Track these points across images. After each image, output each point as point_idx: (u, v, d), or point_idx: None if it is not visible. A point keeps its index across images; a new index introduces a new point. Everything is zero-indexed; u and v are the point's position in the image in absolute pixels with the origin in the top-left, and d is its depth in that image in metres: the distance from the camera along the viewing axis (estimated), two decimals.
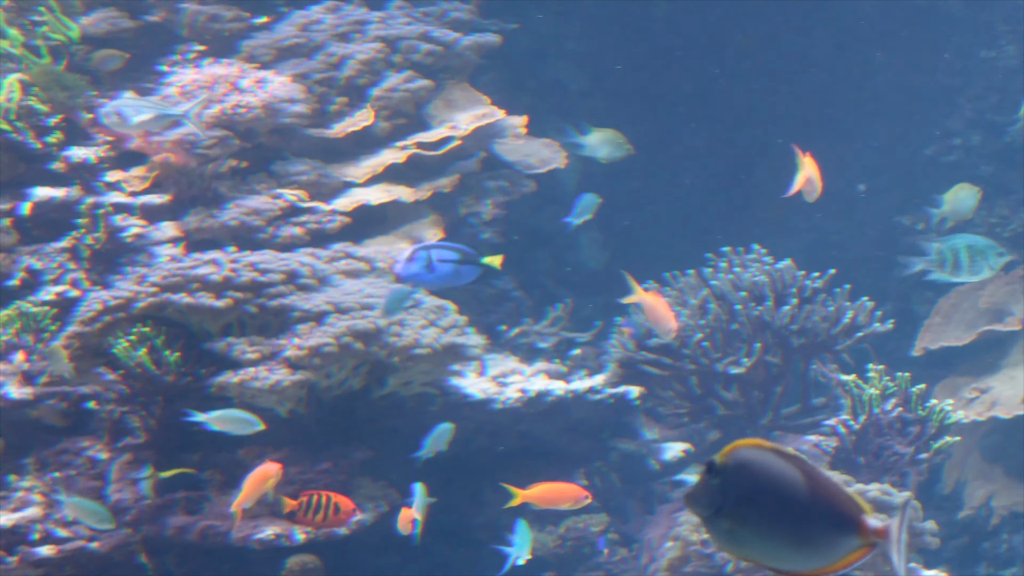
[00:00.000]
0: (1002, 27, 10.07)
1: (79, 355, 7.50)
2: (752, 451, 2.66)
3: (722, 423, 8.21)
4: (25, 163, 8.43)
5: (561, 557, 7.84)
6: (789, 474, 2.63)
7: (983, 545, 9.14)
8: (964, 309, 9.49)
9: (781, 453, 2.66)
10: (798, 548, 2.63)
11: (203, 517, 7.22)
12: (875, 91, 10.20)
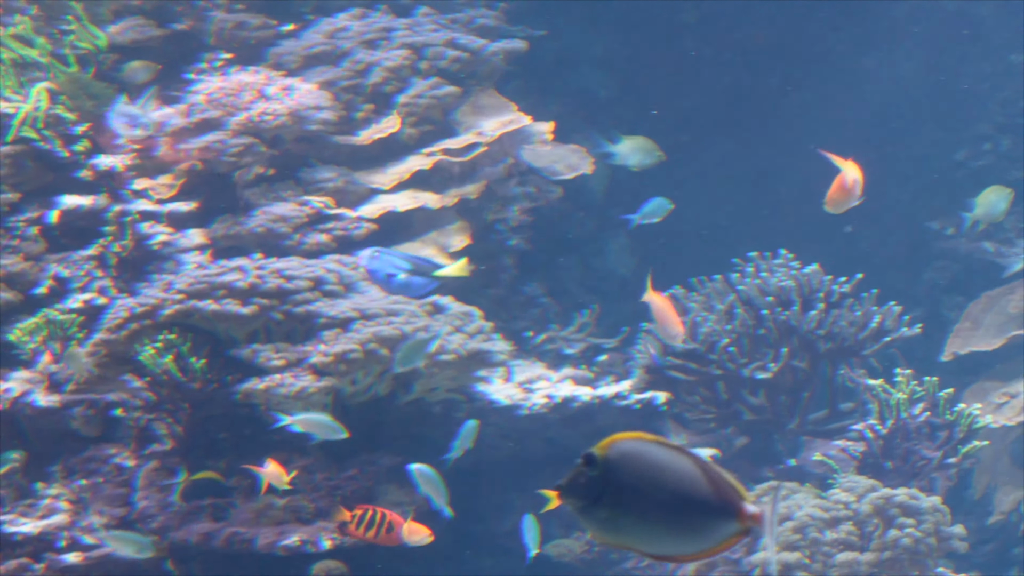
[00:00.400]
0: None
1: (106, 362, 7.54)
2: (632, 443, 2.73)
3: (749, 428, 8.18)
4: (52, 171, 8.46)
5: (588, 563, 7.82)
6: (670, 463, 2.70)
7: (1014, 551, 9.08)
8: (994, 313, 9.43)
9: (663, 444, 2.73)
10: (677, 534, 2.70)
11: (229, 524, 7.22)
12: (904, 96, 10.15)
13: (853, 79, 10.12)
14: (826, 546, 6.92)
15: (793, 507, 7.13)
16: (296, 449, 7.36)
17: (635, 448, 2.71)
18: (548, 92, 9.56)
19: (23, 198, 8.38)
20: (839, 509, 7.01)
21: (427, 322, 7.41)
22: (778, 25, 10.15)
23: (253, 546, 7.10)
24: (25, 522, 7.27)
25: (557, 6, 10.05)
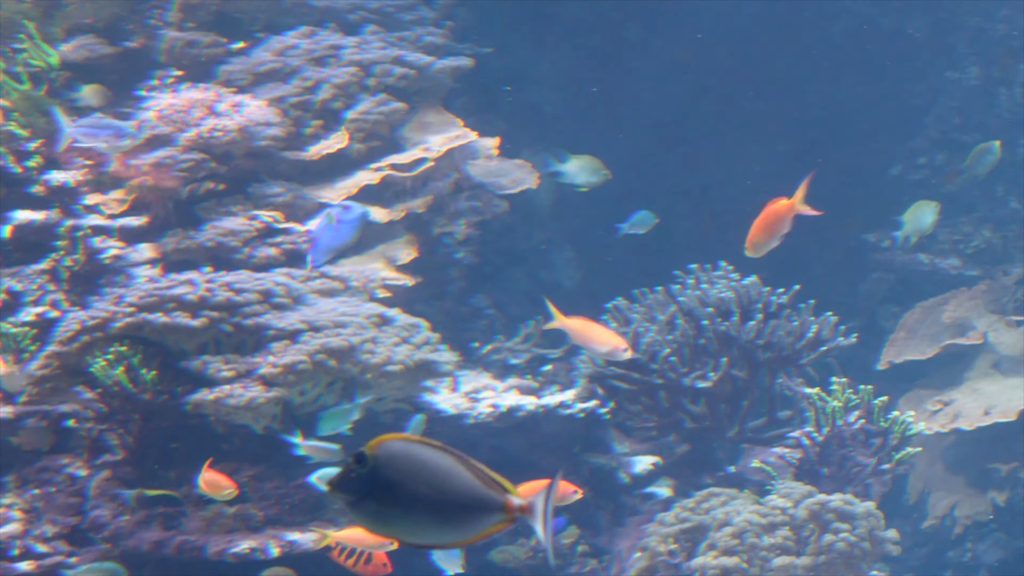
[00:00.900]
0: (965, 50, 10.14)
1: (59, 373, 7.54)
2: (399, 443, 2.89)
3: (690, 436, 8.22)
4: (5, 187, 8.46)
5: (533, 569, 7.85)
6: (435, 461, 2.86)
7: (948, 554, 9.18)
8: (928, 324, 9.53)
9: (428, 444, 2.90)
10: (441, 525, 2.87)
11: (179, 532, 7.22)
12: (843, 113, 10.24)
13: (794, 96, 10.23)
14: (763, 551, 6.98)
15: (732, 513, 7.20)
16: (246, 459, 7.39)
17: (401, 448, 2.87)
18: (495, 108, 9.62)
19: None
20: (776, 515, 7.08)
21: (373, 334, 7.45)
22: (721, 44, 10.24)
23: (203, 554, 7.10)
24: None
25: (504, 24, 10.11)
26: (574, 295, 9.86)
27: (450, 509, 2.85)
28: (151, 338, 7.40)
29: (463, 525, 2.88)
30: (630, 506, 8.11)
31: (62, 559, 7.26)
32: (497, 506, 2.85)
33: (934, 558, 9.14)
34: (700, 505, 7.37)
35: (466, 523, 2.88)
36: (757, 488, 7.60)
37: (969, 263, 9.76)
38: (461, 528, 2.89)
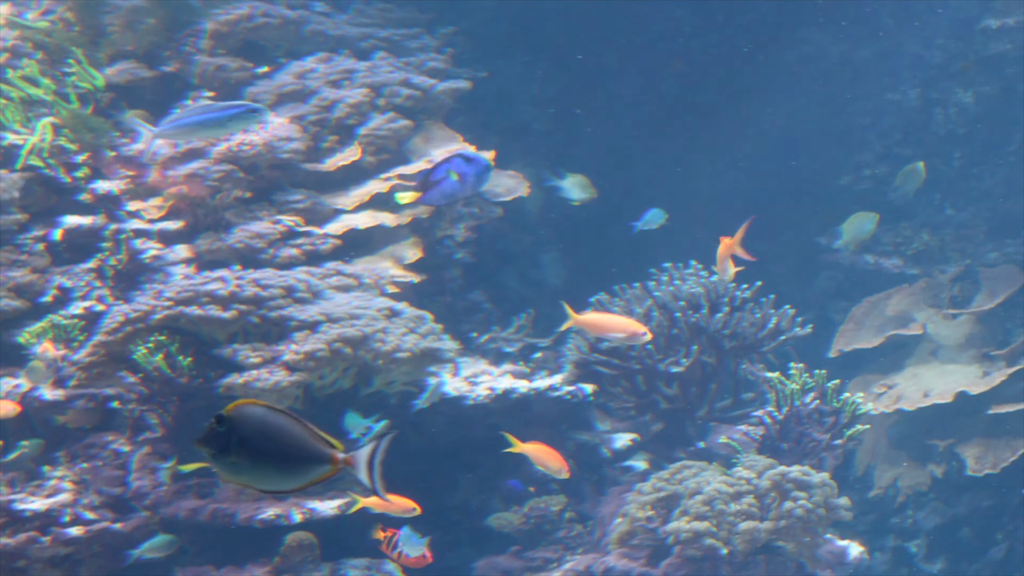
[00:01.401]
0: (906, 73, 10.13)
1: (105, 360, 7.53)
2: (250, 407, 3.17)
3: (664, 416, 8.24)
4: (56, 195, 8.45)
5: (525, 532, 7.84)
6: (278, 422, 3.15)
7: (891, 520, 9.19)
8: (874, 316, 9.54)
9: (273, 409, 3.18)
10: (283, 474, 3.17)
11: (213, 500, 7.22)
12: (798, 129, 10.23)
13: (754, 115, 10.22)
14: (731, 516, 6.99)
15: (702, 483, 7.21)
16: None
17: (252, 411, 3.15)
18: (490, 125, 9.59)
19: (31, 218, 8.37)
20: (742, 484, 7.10)
21: (383, 325, 7.44)
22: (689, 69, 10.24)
23: (234, 520, 7.10)
24: (33, 500, 7.25)
25: (497, 51, 10.09)
26: (560, 292, 9.83)
27: (289, 460, 3.14)
28: (187, 328, 7.39)
29: (300, 474, 3.18)
30: (611, 477, 8.11)
31: (108, 525, 7.25)
32: (325, 458, 3.17)
33: (879, 524, 9.15)
34: (674, 476, 7.38)
35: (302, 472, 3.17)
36: (724, 461, 7.60)
37: (910, 263, 9.76)
38: (298, 476, 3.18)
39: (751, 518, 6.96)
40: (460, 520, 8.02)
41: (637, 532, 7.30)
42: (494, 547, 7.92)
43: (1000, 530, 8.90)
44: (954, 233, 9.83)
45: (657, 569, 7.16)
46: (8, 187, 8.35)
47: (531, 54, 10.26)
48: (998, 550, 8.86)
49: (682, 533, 7.01)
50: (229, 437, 3.14)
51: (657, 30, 10.07)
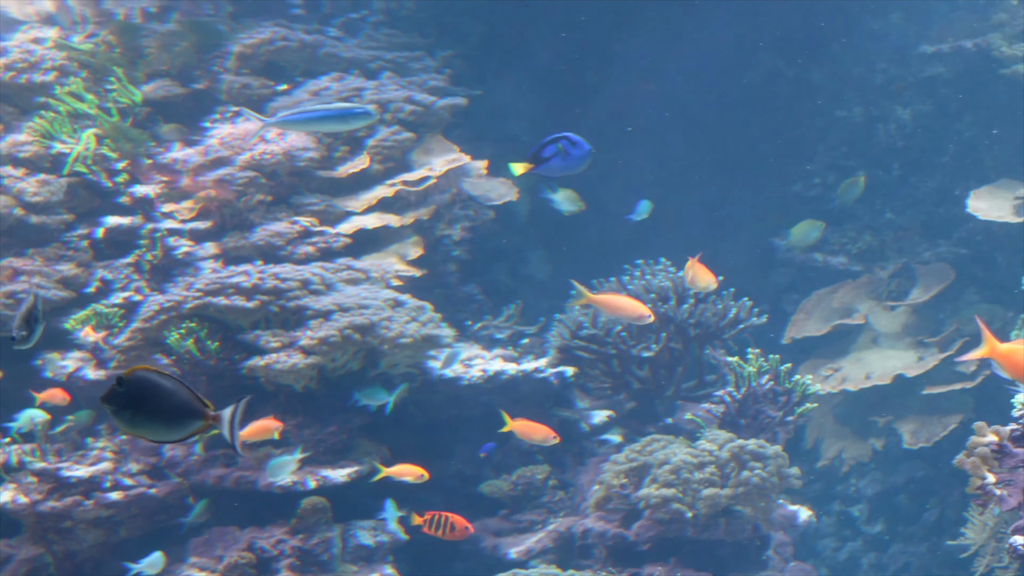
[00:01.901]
0: (852, 93, 10.15)
1: (142, 344, 7.54)
2: (145, 372, 3.40)
3: (636, 395, 8.25)
4: (99, 197, 8.46)
5: (514, 497, 7.86)
6: (165, 384, 3.41)
7: (836, 488, 9.23)
8: (822, 307, 9.57)
9: (162, 374, 3.44)
10: (168, 427, 3.44)
11: (237, 469, 7.23)
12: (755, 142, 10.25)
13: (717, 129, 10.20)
14: (695, 484, 7.02)
15: (669, 454, 7.24)
16: (289, 412, 7.39)
17: (146, 375, 3.39)
18: (483, 137, 9.59)
19: (76, 219, 8.38)
20: (705, 456, 7.12)
21: (389, 314, 7.46)
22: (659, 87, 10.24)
23: (255, 486, 7.12)
24: (78, 468, 7.25)
25: (490, 72, 10.10)
26: (546, 285, 9.89)
27: (173, 416, 3.40)
28: (214, 316, 7.41)
29: (181, 427, 3.44)
30: (590, 449, 8.12)
31: (144, 490, 7.26)
32: (200, 415, 3.41)
33: (826, 491, 9.20)
34: (645, 448, 7.40)
35: (183, 426, 3.43)
36: (689, 435, 7.62)
37: (853, 260, 9.78)
38: (180, 429, 3.44)
39: (713, 485, 6.99)
40: (456, 487, 8.04)
41: (612, 498, 7.34)
42: (486, 510, 7.94)
43: (932, 497, 8.93)
44: (893, 235, 9.84)
45: (630, 530, 7.19)
46: (56, 190, 8.36)
47: (520, 74, 10.26)
48: (931, 515, 8.89)
49: (652, 499, 7.04)
50: (127, 396, 3.37)
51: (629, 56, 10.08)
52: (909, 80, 9.91)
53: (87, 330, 7.68)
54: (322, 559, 7.03)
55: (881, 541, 9.06)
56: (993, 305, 9.12)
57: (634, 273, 8.40)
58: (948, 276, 9.29)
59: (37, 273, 8.05)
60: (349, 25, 9.88)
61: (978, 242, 9.36)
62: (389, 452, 7.58)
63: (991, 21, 9.58)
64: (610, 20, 9.97)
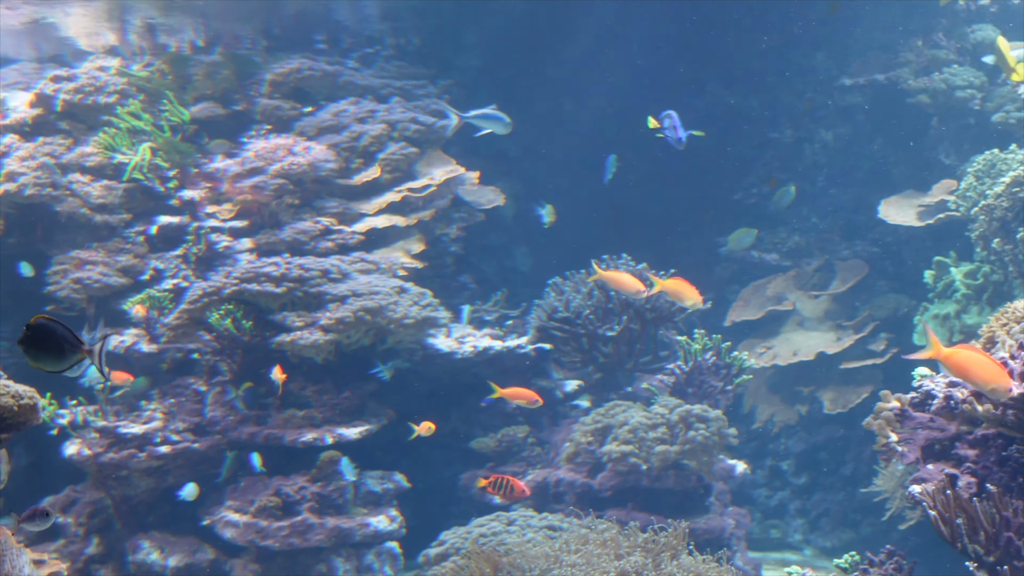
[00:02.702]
0: (784, 118, 10.10)
1: (188, 323, 7.48)
2: (42, 320, 3.60)
3: (602, 368, 8.18)
4: (153, 200, 8.40)
5: (499, 452, 7.82)
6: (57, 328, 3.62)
7: (768, 446, 9.20)
8: (757, 296, 9.53)
9: (51, 319, 3.63)
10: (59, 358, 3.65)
11: (267, 427, 7.18)
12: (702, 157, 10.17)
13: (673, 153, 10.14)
14: (649, 441, 6.98)
15: (628, 417, 7.20)
16: (310, 380, 7.35)
17: (43, 322, 3.60)
18: (476, 152, 9.54)
19: (133, 217, 8.33)
20: (657, 418, 7.09)
21: (395, 299, 7.40)
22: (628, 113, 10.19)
23: (282, 442, 7.08)
24: (133, 426, 7.20)
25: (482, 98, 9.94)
26: (528, 276, 9.84)
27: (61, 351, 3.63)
28: (249, 300, 7.36)
29: (67, 359, 3.65)
30: (562, 413, 8.08)
31: (188, 444, 7.21)
32: (79, 349, 3.65)
33: (760, 448, 9.17)
34: (608, 412, 7.36)
35: (68, 358, 3.65)
36: (645, 401, 7.59)
37: (784, 257, 9.75)
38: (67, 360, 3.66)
39: (664, 443, 6.95)
40: (451, 443, 8.00)
41: (580, 453, 7.30)
42: (475, 463, 7.91)
43: (848, 454, 8.91)
44: (817, 236, 9.81)
45: (595, 480, 7.16)
46: (118, 194, 8.30)
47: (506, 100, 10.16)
48: (847, 468, 8.86)
49: (613, 454, 7.00)
50: (31, 338, 3.60)
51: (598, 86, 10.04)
52: (830, 107, 9.86)
53: (138, 307, 7.62)
54: (337, 503, 6.98)
55: (806, 490, 9.03)
56: (900, 295, 9.08)
57: (600, 266, 8.32)
58: (862, 270, 9.27)
59: (101, 263, 7.99)
60: (365, 58, 9.81)
61: (888, 242, 9.33)
62: (395, 414, 7.54)
63: (899, 59, 9.52)
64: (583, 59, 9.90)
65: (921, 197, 8.98)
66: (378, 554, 6.98)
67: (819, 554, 8.61)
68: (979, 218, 7.98)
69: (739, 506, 7.80)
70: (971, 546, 4.41)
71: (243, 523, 6.87)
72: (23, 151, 8.28)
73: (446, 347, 7.86)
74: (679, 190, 10.06)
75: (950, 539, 4.45)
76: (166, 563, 6.97)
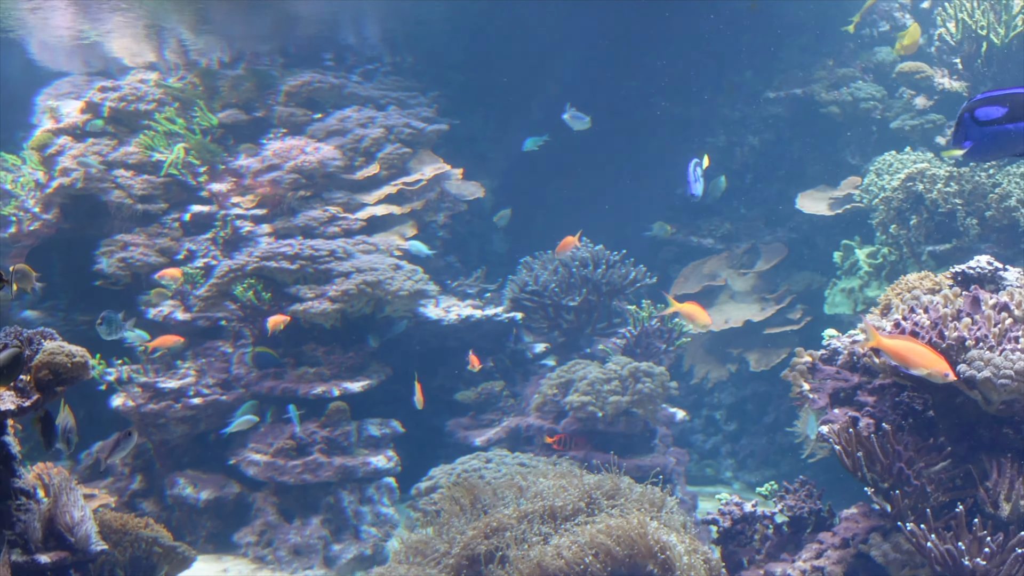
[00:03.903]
0: (718, 126, 10.10)
1: (216, 295, 7.43)
2: None
3: (565, 332, 8.19)
4: (186, 192, 8.31)
5: (478, 403, 7.83)
6: None
7: (704, 399, 9.23)
8: (696, 274, 9.55)
9: None
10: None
11: (283, 382, 7.15)
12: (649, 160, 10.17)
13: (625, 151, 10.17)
14: (604, 392, 7.00)
15: (587, 372, 7.21)
16: (321, 343, 7.32)
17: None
18: (461, 154, 9.49)
19: (169, 207, 8.24)
20: (611, 373, 7.10)
21: (392, 274, 7.38)
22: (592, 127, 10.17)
23: (296, 394, 7.06)
24: (169, 381, 7.16)
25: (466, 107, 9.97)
26: (504, 257, 9.80)
27: None
28: (267, 275, 7.32)
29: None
30: (532, 370, 8.09)
31: (217, 397, 7.17)
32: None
33: (697, 401, 9.19)
34: (570, 369, 7.37)
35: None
36: (601, 360, 7.61)
37: (718, 242, 9.75)
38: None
39: (616, 394, 6.98)
40: (439, 396, 7.99)
41: (547, 403, 7.31)
42: (459, 412, 7.91)
43: (770, 405, 8.96)
44: (745, 224, 9.83)
45: (559, 425, 7.17)
46: (157, 186, 8.22)
47: (487, 110, 10.18)
48: (769, 417, 8.91)
49: (574, 403, 7.02)
50: None
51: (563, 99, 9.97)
52: (756, 116, 9.87)
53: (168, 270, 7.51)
54: (343, 445, 6.97)
55: (735, 435, 9.08)
56: (813, 273, 9.12)
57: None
58: (782, 252, 9.30)
59: (143, 245, 7.92)
60: (366, 73, 9.74)
61: (804, 229, 9.35)
62: (391, 371, 7.52)
63: (814, 76, 9.53)
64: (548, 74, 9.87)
65: (831, 191, 9.02)
66: (378, 488, 6.98)
67: (746, 487, 8.67)
68: (879, 208, 8.03)
69: (680, 447, 7.84)
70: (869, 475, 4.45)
71: (264, 462, 6.85)
72: (75, 150, 8.19)
73: (434, 315, 7.85)
74: (631, 186, 10.05)
75: (852, 469, 4.49)
76: (198, 496, 6.95)
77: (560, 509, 4.64)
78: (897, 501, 4.30)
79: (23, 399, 4.10)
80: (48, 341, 4.21)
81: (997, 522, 4.20)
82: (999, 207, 7.47)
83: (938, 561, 4.08)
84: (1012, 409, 4.34)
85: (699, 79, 10.06)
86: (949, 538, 4.10)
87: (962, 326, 4.37)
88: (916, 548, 4.18)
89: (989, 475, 4.30)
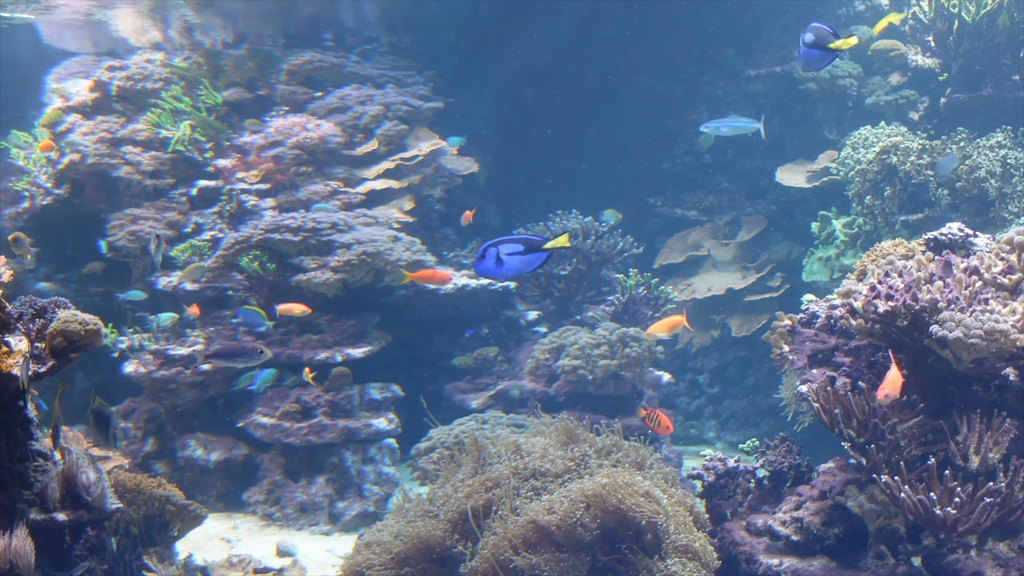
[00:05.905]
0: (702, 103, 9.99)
1: (223, 266, 7.38)
2: None
3: (557, 301, 8.19)
4: (192, 168, 8.23)
5: (474, 368, 7.83)
6: None
7: (688, 363, 9.25)
8: (680, 244, 9.53)
9: None
10: None
11: (288, 348, 7.13)
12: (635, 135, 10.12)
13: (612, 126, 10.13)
14: (594, 357, 7.00)
15: (577, 338, 7.20)
16: (324, 312, 7.29)
17: None
18: (455, 130, 9.41)
19: (177, 182, 8.16)
20: (601, 339, 7.10)
21: (391, 245, 7.34)
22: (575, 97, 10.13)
23: (301, 359, 7.03)
24: (180, 349, 7.14)
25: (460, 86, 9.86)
26: (498, 230, 9.75)
27: None
28: (272, 247, 7.28)
29: None
30: (526, 336, 8.09)
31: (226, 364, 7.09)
32: None
33: (681, 365, 9.20)
34: (561, 334, 7.36)
35: None
36: (591, 326, 7.61)
37: (702, 214, 9.72)
38: None
39: (605, 358, 6.98)
40: (437, 361, 7.99)
41: (540, 367, 7.31)
42: (456, 377, 7.90)
43: (750, 369, 8.99)
44: (728, 197, 9.80)
45: (551, 388, 7.19)
46: (164, 162, 8.14)
47: (480, 88, 10.09)
48: (749, 380, 8.94)
49: (566, 367, 7.02)
50: None
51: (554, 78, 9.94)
52: (738, 94, 9.81)
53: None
54: (346, 408, 6.97)
55: (717, 398, 9.11)
56: (793, 243, 9.12)
57: (555, 219, 8.31)
58: (762, 223, 9.29)
59: (151, 219, 7.86)
60: (365, 53, 9.62)
61: (783, 201, 9.34)
62: (391, 337, 7.50)
63: (793, 54, 9.47)
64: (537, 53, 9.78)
65: (809, 165, 8.99)
66: (379, 448, 6.99)
67: (728, 447, 8.71)
68: (855, 180, 8.01)
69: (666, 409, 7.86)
70: (846, 431, 4.47)
71: (270, 424, 6.85)
72: (85, 127, 8.09)
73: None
74: (619, 160, 10.01)
75: (830, 425, 4.50)
76: (208, 457, 6.95)
77: (560, 460, 4.64)
78: (872, 455, 4.32)
79: (39, 365, 4.08)
80: (62, 310, 4.18)
81: (967, 474, 4.22)
82: (969, 178, 7.46)
83: (911, 510, 4.10)
84: (982, 367, 4.35)
85: (682, 58, 9.98)
86: (921, 489, 4.12)
87: (935, 289, 4.37)
88: (890, 499, 4.20)
89: (959, 430, 4.31)
